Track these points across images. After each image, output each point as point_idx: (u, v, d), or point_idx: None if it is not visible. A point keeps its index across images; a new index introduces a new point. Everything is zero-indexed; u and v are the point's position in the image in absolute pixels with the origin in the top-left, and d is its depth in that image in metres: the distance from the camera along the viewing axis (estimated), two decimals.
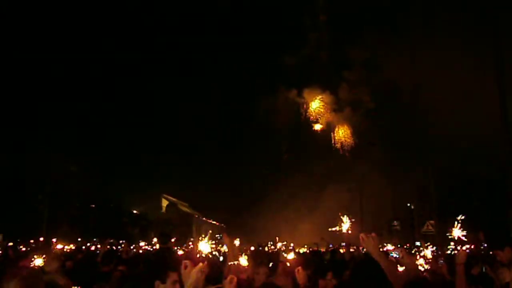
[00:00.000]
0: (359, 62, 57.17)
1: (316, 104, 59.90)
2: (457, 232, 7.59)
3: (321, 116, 59.74)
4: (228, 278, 3.34)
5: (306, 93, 59.23)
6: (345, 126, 58.12)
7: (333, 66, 58.19)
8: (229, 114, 58.31)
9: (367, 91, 55.05)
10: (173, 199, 67.07)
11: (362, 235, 3.27)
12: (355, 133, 55.85)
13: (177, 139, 56.08)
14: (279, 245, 23.43)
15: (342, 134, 58.71)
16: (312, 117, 60.06)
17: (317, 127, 59.95)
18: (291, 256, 6.02)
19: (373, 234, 3.29)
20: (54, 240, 24.10)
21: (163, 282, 3.30)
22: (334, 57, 58.31)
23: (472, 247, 20.94)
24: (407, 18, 43.80)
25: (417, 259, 7.39)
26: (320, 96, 59.21)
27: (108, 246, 10.78)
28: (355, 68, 56.82)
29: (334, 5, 56.10)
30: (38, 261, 5.50)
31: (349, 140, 57.79)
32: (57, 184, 41.03)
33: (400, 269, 3.90)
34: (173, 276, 3.28)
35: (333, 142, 59.96)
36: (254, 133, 55.43)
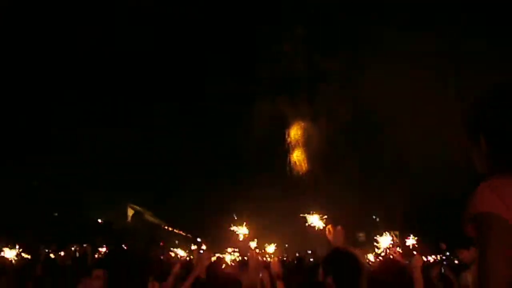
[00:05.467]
0: (335, 75, 57.77)
1: (294, 132, 60.15)
2: (411, 241, 8.03)
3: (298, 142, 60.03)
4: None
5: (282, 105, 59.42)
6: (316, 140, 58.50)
7: (309, 78, 58.68)
8: (202, 126, 57.89)
9: (343, 104, 55.72)
10: (139, 208, 65.86)
11: (328, 226, 3.39)
12: (327, 147, 56.24)
13: (146, 148, 55.23)
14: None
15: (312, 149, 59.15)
16: (290, 144, 60.41)
17: (295, 156, 60.21)
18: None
19: (339, 227, 3.42)
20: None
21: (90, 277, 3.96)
22: (310, 69, 58.92)
23: (434, 257, 21.51)
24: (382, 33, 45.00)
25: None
26: (300, 124, 59.48)
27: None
28: (330, 81, 57.33)
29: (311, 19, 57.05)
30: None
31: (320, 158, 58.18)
32: (18, 191, 39.61)
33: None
34: (96, 272, 3.80)
35: (303, 161, 60.42)
36: (225, 147, 55.20)
